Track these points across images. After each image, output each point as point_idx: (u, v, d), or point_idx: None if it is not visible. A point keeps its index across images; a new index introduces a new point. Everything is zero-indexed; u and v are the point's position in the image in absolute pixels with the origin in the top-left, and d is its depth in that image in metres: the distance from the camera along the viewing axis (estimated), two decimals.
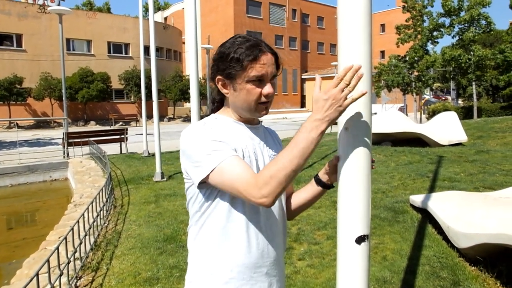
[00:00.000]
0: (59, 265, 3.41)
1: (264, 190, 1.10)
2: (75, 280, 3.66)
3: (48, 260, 3.07)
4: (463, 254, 3.54)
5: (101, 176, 8.51)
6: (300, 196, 1.47)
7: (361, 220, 1.26)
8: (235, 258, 1.26)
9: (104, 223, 5.25)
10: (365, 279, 1.30)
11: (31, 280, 2.73)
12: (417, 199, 4.62)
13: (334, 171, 1.35)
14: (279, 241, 1.35)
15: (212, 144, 1.19)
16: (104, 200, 5.59)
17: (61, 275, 3.33)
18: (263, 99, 1.27)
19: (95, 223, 4.79)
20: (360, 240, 1.28)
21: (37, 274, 2.82)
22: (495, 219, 3.33)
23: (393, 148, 9.17)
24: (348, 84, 1.09)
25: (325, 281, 3.23)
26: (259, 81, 1.25)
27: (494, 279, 3.14)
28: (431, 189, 5.51)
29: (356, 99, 1.10)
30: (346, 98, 1.09)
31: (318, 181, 1.41)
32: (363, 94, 1.11)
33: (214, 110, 1.39)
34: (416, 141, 9.66)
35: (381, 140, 10.10)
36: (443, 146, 9.22)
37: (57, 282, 3.28)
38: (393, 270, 3.34)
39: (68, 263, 3.56)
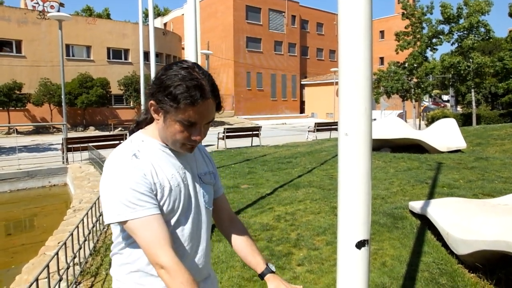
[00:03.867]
0: (58, 270, 3.41)
1: (166, 272, 1.13)
2: (74, 286, 3.65)
3: (47, 265, 3.07)
4: (462, 260, 3.54)
5: None
6: (239, 246, 1.47)
7: (361, 225, 1.28)
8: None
9: (103, 228, 5.24)
10: (365, 283, 1.32)
11: (30, 286, 2.73)
12: (416, 205, 4.62)
13: None
14: (200, 262, 1.35)
15: (130, 195, 1.14)
16: None
17: (60, 280, 3.32)
18: (189, 142, 1.21)
19: (94, 228, 4.79)
20: (360, 244, 1.29)
21: (36, 280, 2.82)
22: (493, 226, 3.34)
23: (392, 154, 9.18)
24: None
25: (324, 287, 3.23)
26: (191, 124, 1.18)
27: (493, 286, 3.14)
28: (430, 195, 5.51)
29: None
30: None
31: (261, 277, 1.40)
32: None
33: (142, 123, 1.35)
34: (415, 147, 9.67)
35: (380, 146, 10.13)
36: (442, 152, 9.23)
37: None
38: (392, 276, 3.34)
39: (68, 268, 3.55)
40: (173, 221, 1.25)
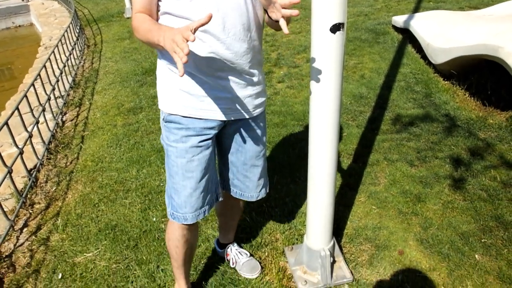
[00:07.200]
0: (39, 102, 3.40)
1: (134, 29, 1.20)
2: (61, 116, 3.72)
3: (25, 96, 3.03)
4: (438, 70, 3.62)
5: (68, 17, 7.93)
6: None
7: (337, 7, 1.19)
8: (200, 59, 1.19)
9: (80, 62, 5.10)
10: (339, 70, 1.30)
11: (12, 114, 2.73)
12: (399, 19, 4.47)
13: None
14: (245, 45, 1.23)
15: None
16: (75, 39, 5.31)
17: (43, 110, 3.34)
18: None
19: (69, 62, 4.64)
20: (335, 28, 1.22)
21: (17, 108, 2.81)
22: (475, 33, 3.29)
23: None
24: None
25: (303, 100, 3.34)
26: None
27: (463, 91, 3.29)
28: (415, 10, 5.31)
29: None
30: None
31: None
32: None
33: None
34: None
35: None
36: None
37: (43, 119, 3.32)
38: (370, 87, 3.44)
39: (49, 99, 3.55)
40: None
